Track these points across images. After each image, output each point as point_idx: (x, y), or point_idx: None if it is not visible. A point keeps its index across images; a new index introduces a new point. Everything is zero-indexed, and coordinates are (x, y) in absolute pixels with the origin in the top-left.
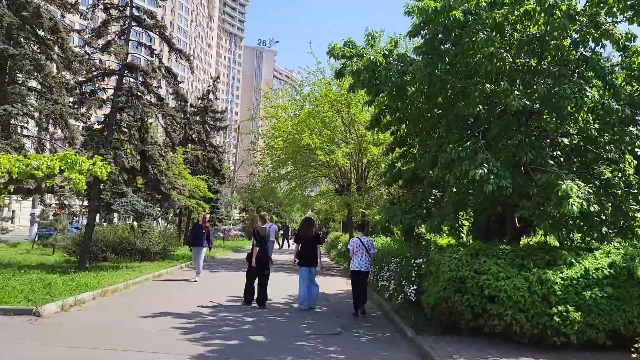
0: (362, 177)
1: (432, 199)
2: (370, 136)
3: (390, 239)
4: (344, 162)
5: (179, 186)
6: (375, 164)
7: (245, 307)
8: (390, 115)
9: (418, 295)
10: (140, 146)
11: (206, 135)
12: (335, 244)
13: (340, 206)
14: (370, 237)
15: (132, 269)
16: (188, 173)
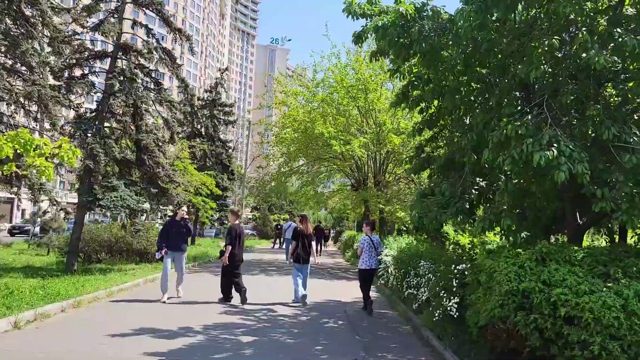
0: (380, 171)
1: (475, 189)
2: (390, 123)
3: (410, 238)
4: (360, 154)
5: (177, 180)
6: (395, 156)
7: (240, 323)
8: (421, 87)
9: (461, 310)
10: (135, 135)
11: (214, 130)
12: (350, 244)
13: (356, 203)
14: (378, 236)
15: (125, 272)
16: (194, 169)
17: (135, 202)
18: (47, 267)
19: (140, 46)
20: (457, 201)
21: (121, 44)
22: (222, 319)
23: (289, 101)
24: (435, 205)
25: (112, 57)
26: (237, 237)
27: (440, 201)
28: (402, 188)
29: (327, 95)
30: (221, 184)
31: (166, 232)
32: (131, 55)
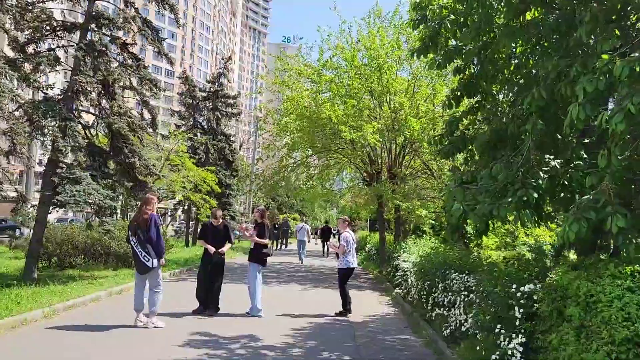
0: (395, 163)
1: (544, 171)
2: (407, 106)
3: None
4: (374, 141)
5: (157, 172)
6: (412, 146)
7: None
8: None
9: (528, 354)
10: (106, 118)
11: (217, 123)
12: (363, 245)
13: (369, 199)
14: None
15: (92, 281)
16: (193, 163)
17: (102, 197)
18: (10, 274)
19: (112, 15)
20: (517, 188)
21: (92, 13)
22: (178, 354)
23: (291, 82)
24: (487, 197)
25: (83, 29)
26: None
27: (490, 189)
28: (420, 184)
29: (335, 75)
30: (224, 181)
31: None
32: (102, 24)
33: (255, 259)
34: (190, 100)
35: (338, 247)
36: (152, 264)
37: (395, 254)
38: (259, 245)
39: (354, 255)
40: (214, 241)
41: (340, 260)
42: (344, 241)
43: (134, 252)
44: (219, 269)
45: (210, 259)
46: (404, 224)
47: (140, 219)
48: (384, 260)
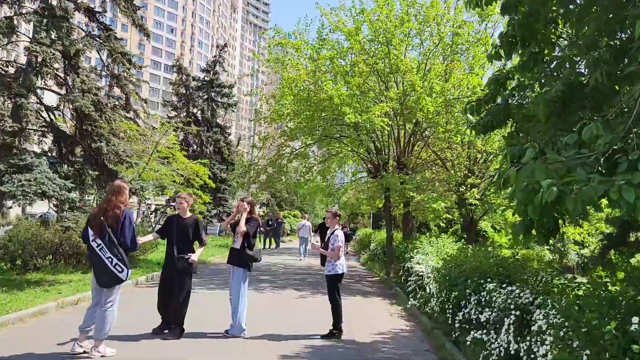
0: (405, 152)
1: None
2: (420, 86)
3: (450, 238)
4: (381, 125)
5: (130, 159)
6: (421, 132)
7: None
8: None
9: None
10: (67, 95)
11: (212, 114)
12: (367, 243)
13: (374, 193)
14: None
15: (56, 286)
16: (185, 156)
17: (57, 188)
18: None
19: None
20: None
21: None
22: None
23: (287, 59)
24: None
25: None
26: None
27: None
28: (429, 177)
29: (337, 52)
30: (219, 175)
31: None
32: None
33: (240, 262)
34: (183, 90)
35: (328, 250)
36: (126, 276)
37: (406, 255)
38: (244, 245)
39: (343, 257)
40: (180, 241)
41: (327, 264)
42: (338, 241)
43: (96, 259)
44: (184, 280)
45: (173, 265)
46: (412, 221)
47: (109, 214)
48: (391, 260)
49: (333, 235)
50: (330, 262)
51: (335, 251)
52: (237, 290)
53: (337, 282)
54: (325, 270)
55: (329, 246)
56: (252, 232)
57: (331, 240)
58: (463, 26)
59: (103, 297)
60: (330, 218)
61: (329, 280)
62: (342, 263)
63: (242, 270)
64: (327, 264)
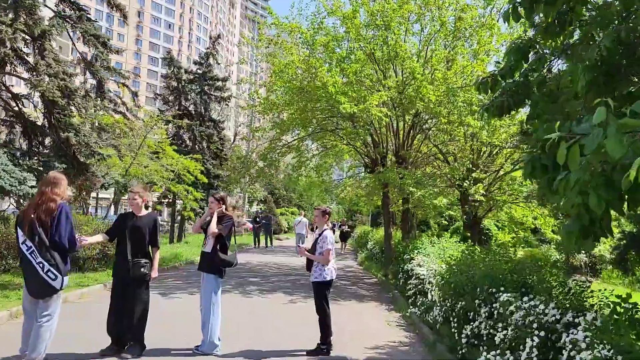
0: (404, 145)
1: None
2: (420, 73)
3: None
4: (379, 116)
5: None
6: (423, 126)
7: None
8: None
9: None
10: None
11: (205, 108)
12: (364, 242)
13: (372, 189)
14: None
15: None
16: (175, 151)
17: (16, 182)
18: None
19: None
20: None
21: None
22: None
23: (279, 42)
24: None
25: None
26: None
27: None
28: (429, 172)
29: (332, 38)
30: (212, 171)
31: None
32: None
33: (211, 268)
34: (175, 82)
35: (316, 254)
36: (61, 284)
37: (405, 255)
38: (217, 248)
39: (334, 262)
40: (134, 244)
41: (314, 269)
42: (328, 244)
43: (26, 265)
44: (140, 289)
45: (126, 272)
46: (412, 218)
47: (42, 208)
48: (390, 260)
49: (322, 237)
50: (317, 267)
51: (324, 255)
52: (207, 300)
53: (325, 290)
54: (311, 276)
55: (317, 249)
56: (225, 233)
57: (319, 242)
58: (466, 10)
59: (39, 310)
60: (319, 216)
61: (316, 287)
62: (331, 268)
63: (214, 277)
64: (314, 269)
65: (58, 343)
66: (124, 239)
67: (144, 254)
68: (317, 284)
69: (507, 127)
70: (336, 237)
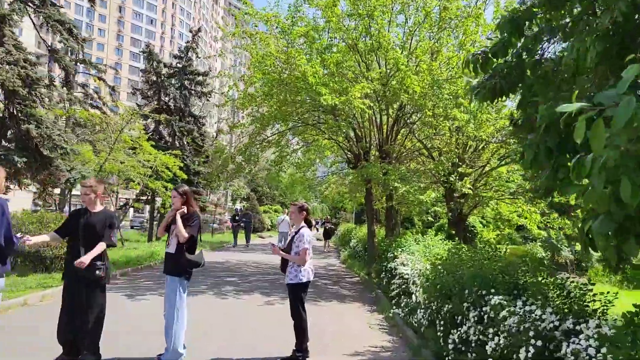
0: (388, 140)
1: None
2: (404, 64)
3: (437, 236)
4: (363, 108)
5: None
6: (407, 120)
7: None
8: None
9: None
10: None
11: (185, 103)
12: (348, 240)
13: (355, 185)
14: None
15: None
16: (152, 146)
17: None
18: None
19: None
20: None
21: None
22: None
23: (255, 33)
24: None
25: None
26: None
27: None
28: (417, 167)
29: (312, 28)
30: (192, 168)
31: None
32: None
33: (176, 270)
34: (154, 77)
35: (292, 253)
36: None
37: (389, 253)
38: (182, 248)
39: (311, 262)
40: (88, 243)
41: (289, 270)
42: (305, 242)
43: None
44: (95, 293)
45: (78, 274)
46: (396, 215)
47: None
48: (373, 259)
49: (298, 235)
50: (293, 267)
51: (301, 255)
52: (171, 305)
53: (301, 292)
54: (286, 277)
55: (293, 248)
56: (195, 234)
57: (295, 241)
58: (451, 0)
59: None
60: (295, 213)
61: (291, 290)
62: (308, 269)
63: (179, 280)
64: (289, 270)
65: (5, 353)
66: (76, 237)
67: (97, 255)
68: (292, 286)
69: (494, 121)
70: (319, 234)
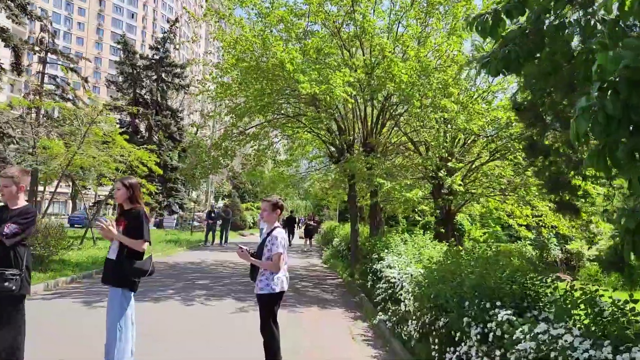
0: (372, 132)
1: None
2: (391, 51)
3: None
4: (344, 96)
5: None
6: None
7: None
8: None
9: None
10: None
11: (161, 96)
12: (330, 239)
13: (337, 181)
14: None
15: None
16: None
17: None
18: None
19: None
20: None
21: None
22: None
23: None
24: None
25: None
26: None
27: None
28: (403, 161)
29: (290, 10)
30: (170, 163)
31: None
32: None
33: (117, 279)
34: (129, 69)
35: (263, 259)
36: None
37: (374, 254)
38: (126, 252)
39: (285, 270)
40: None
41: (259, 278)
42: (278, 246)
43: None
44: (8, 308)
45: None
46: (380, 213)
47: None
48: (357, 259)
49: (271, 237)
50: (264, 275)
51: (274, 261)
52: (113, 322)
53: (273, 305)
54: (256, 287)
55: (265, 253)
56: (147, 237)
57: (268, 243)
58: None
59: None
60: (268, 210)
61: (262, 301)
62: (282, 277)
63: (121, 292)
64: (259, 278)
65: None
66: None
67: (8, 262)
68: (263, 297)
69: (485, 112)
70: (301, 232)
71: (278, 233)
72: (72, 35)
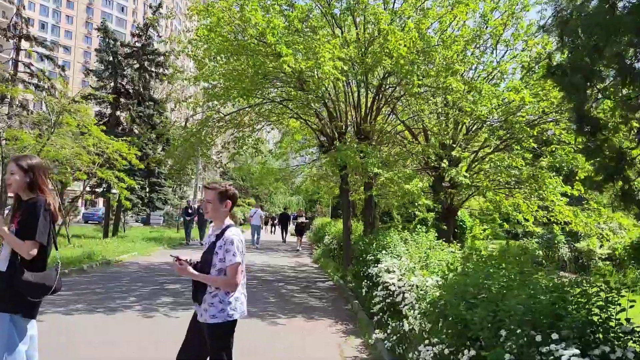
0: (367, 118)
1: None
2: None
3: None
4: (334, 73)
5: None
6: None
7: None
8: None
9: None
10: None
11: (144, 86)
12: (322, 236)
13: (327, 172)
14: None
15: None
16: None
17: None
18: None
19: None
20: None
21: None
22: None
23: None
24: None
25: None
26: None
27: None
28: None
29: None
30: (152, 156)
31: None
32: None
33: (5, 300)
34: (110, 57)
35: (211, 273)
36: None
37: (369, 255)
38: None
39: (244, 286)
40: None
41: (207, 300)
42: (235, 255)
43: None
44: None
45: None
46: (375, 209)
47: None
48: (349, 260)
49: (224, 241)
50: (216, 297)
51: (229, 275)
52: None
53: (229, 336)
54: (204, 313)
55: (214, 263)
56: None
57: (218, 251)
58: None
59: None
60: (214, 201)
61: (213, 333)
62: (240, 297)
63: (9, 318)
64: (209, 301)
65: None
66: None
67: None
68: (212, 327)
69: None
70: (292, 229)
71: (233, 234)
72: (61, 28)
